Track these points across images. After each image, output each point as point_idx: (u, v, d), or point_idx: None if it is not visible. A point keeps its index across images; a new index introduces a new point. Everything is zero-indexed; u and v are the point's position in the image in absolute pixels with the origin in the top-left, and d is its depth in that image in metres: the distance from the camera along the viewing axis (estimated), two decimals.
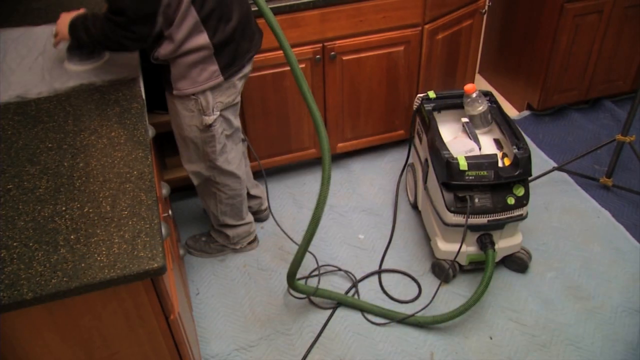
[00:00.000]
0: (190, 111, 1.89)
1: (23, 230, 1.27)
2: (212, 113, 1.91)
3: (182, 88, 1.83)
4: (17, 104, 1.73)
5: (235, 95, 1.95)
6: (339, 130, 2.70)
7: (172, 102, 1.91)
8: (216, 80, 1.83)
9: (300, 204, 2.65)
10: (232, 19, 1.80)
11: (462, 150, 2.16)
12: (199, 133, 1.95)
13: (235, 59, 1.86)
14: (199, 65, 1.79)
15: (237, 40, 1.84)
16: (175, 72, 1.80)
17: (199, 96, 1.85)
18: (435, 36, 2.61)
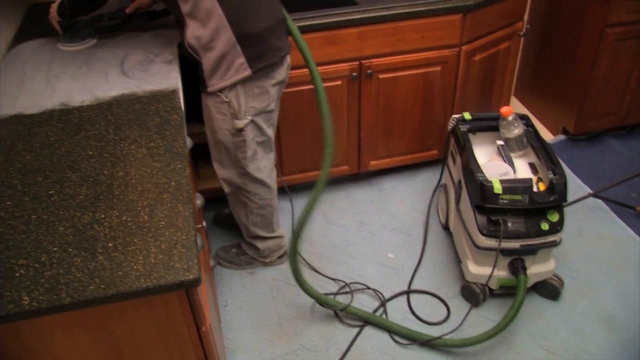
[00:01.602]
0: (223, 114, 1.94)
1: (63, 235, 1.30)
2: (244, 117, 1.94)
3: (214, 84, 1.88)
4: (61, 111, 1.77)
5: (268, 102, 1.98)
6: (372, 148, 2.70)
7: (206, 105, 1.96)
8: (244, 73, 1.86)
9: (330, 220, 2.65)
10: (261, 14, 1.85)
11: (497, 173, 2.14)
12: (230, 137, 1.99)
13: (263, 54, 1.88)
14: (227, 57, 1.83)
15: (266, 36, 1.87)
16: (206, 67, 1.85)
17: (232, 98, 1.89)
18: (473, 57, 2.61)
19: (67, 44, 2.11)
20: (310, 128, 2.54)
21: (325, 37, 2.30)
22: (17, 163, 1.55)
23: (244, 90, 1.90)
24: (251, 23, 1.83)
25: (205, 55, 1.84)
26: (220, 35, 1.80)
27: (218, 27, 1.79)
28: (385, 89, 2.52)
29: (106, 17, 2.15)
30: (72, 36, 2.10)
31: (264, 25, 1.85)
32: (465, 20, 2.46)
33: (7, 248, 1.28)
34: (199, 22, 1.80)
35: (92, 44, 2.12)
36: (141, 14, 2.20)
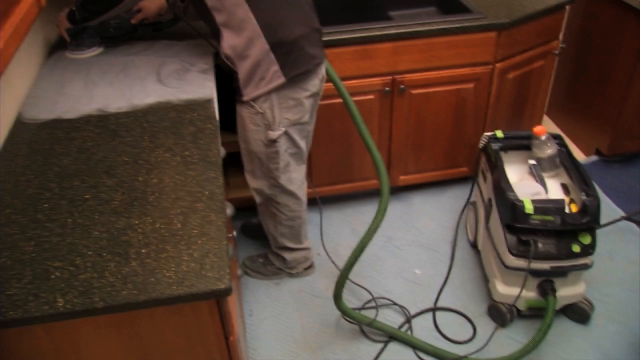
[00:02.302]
0: (257, 125, 1.95)
1: (97, 239, 1.32)
2: (278, 128, 1.95)
3: (249, 92, 1.89)
4: (98, 117, 1.81)
5: (302, 114, 1.99)
6: (402, 163, 2.70)
7: (240, 115, 1.97)
8: (278, 80, 1.87)
9: (358, 234, 2.65)
10: (295, 22, 1.86)
11: (528, 192, 2.12)
12: (263, 148, 2.00)
13: (297, 61, 1.89)
14: (261, 66, 1.85)
15: (301, 44, 1.88)
16: (241, 75, 1.87)
17: (266, 109, 1.91)
18: (506, 75, 2.59)
19: (73, 51, 2.16)
20: (341, 141, 2.54)
21: (359, 51, 2.31)
22: (55, 167, 1.58)
23: (279, 102, 1.91)
24: (285, 31, 1.84)
25: (240, 64, 1.86)
26: (255, 44, 1.82)
27: (252, 36, 1.81)
28: (417, 104, 2.51)
29: (112, 27, 2.20)
30: (78, 44, 2.15)
31: (299, 33, 1.87)
32: (500, 38, 2.45)
33: (43, 250, 1.30)
34: (234, 32, 1.83)
35: (99, 52, 2.18)
36: (147, 25, 2.24)
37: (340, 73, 2.20)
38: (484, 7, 2.49)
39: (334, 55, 2.26)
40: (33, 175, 1.56)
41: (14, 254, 1.30)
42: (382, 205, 2.01)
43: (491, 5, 2.52)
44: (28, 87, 1.96)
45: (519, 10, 2.49)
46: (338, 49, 2.27)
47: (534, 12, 2.49)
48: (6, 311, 1.16)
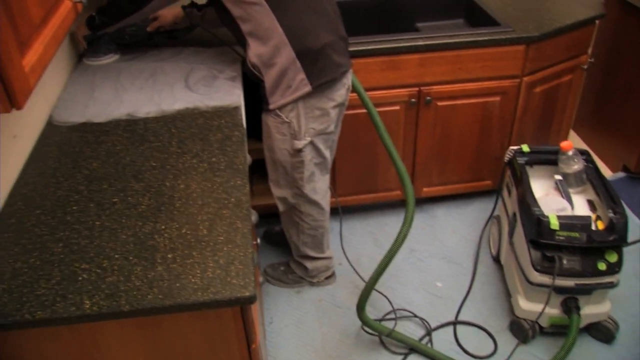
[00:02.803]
0: (283, 135, 1.95)
1: (125, 243, 1.34)
2: (303, 138, 1.96)
3: (275, 101, 1.90)
4: (127, 121, 1.83)
5: (328, 123, 1.99)
6: (426, 174, 2.69)
7: (266, 124, 1.98)
8: (304, 89, 1.87)
9: (380, 244, 2.64)
10: (321, 30, 1.87)
11: (554, 208, 2.10)
12: (289, 157, 2.00)
13: (323, 69, 1.89)
14: (287, 74, 1.85)
15: (327, 52, 1.88)
16: (268, 84, 1.88)
17: (292, 119, 1.91)
18: (533, 89, 2.58)
19: (90, 58, 2.19)
20: (365, 151, 2.54)
21: (387, 62, 2.31)
22: (84, 169, 1.61)
23: (305, 111, 1.91)
24: (311, 39, 1.85)
25: (267, 72, 1.87)
26: (281, 52, 1.83)
27: (278, 44, 1.82)
28: (442, 116, 2.51)
29: (128, 34, 2.22)
30: (94, 51, 2.18)
31: (325, 41, 1.87)
32: (528, 52, 2.43)
33: (71, 252, 1.32)
34: (260, 41, 1.83)
35: (115, 59, 2.20)
36: (162, 33, 2.25)
37: (366, 83, 2.21)
38: (512, 20, 2.47)
39: (360, 66, 2.26)
40: (63, 178, 1.58)
41: (43, 255, 1.32)
42: (408, 215, 2.01)
43: (520, 18, 2.50)
44: (59, 91, 2.00)
45: (548, 23, 2.47)
46: (365, 59, 2.27)
47: (563, 26, 2.47)
48: (35, 311, 1.18)
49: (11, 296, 1.22)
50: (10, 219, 1.44)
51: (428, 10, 2.77)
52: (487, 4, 2.64)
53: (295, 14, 1.82)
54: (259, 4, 1.77)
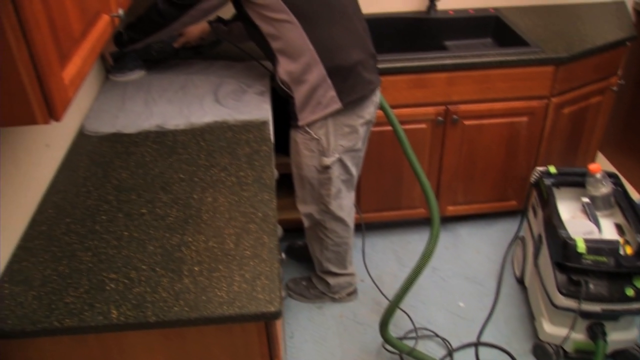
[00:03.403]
0: (311, 151, 1.96)
1: (152, 254, 1.35)
2: (332, 155, 1.96)
3: (304, 117, 1.90)
4: (157, 133, 1.86)
5: (356, 141, 1.99)
6: (451, 193, 2.67)
7: (295, 140, 1.98)
8: (334, 106, 1.87)
9: (402, 262, 2.63)
10: (352, 48, 1.87)
11: (580, 231, 2.07)
12: (316, 174, 2.00)
13: (354, 87, 1.90)
14: (318, 91, 1.85)
15: (358, 70, 1.89)
16: (297, 100, 1.88)
17: (321, 136, 1.91)
18: (562, 110, 2.56)
19: (116, 74, 2.19)
20: (390, 168, 2.54)
21: (415, 80, 2.32)
22: (114, 179, 1.63)
23: (334, 128, 1.92)
24: (342, 57, 1.85)
25: (296, 89, 1.88)
26: (312, 70, 1.84)
27: (309, 62, 1.83)
28: (469, 135, 2.50)
29: (154, 50, 2.23)
30: (121, 67, 2.18)
31: (356, 59, 1.87)
32: (558, 72, 2.42)
33: (100, 261, 1.34)
34: (290, 58, 1.84)
35: (141, 75, 2.21)
36: (188, 48, 2.26)
37: (394, 101, 2.22)
38: (542, 41, 2.46)
39: (389, 83, 2.27)
40: (93, 187, 1.61)
41: (72, 263, 1.34)
42: (433, 233, 2.00)
43: (550, 38, 2.49)
44: (91, 101, 2.03)
45: (578, 44, 2.46)
46: (393, 76, 2.28)
47: (593, 47, 2.46)
48: (63, 319, 1.19)
49: (40, 303, 1.24)
50: (42, 226, 1.47)
51: (456, 28, 2.77)
52: (516, 24, 2.64)
53: (326, 31, 1.83)
54: (290, 21, 1.78)
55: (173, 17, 1.87)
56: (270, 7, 1.77)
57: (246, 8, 1.82)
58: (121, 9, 1.33)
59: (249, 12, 1.83)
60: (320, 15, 1.81)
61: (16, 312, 1.22)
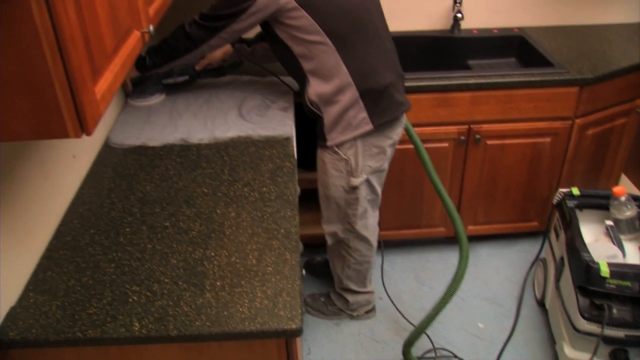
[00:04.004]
0: (339, 171, 1.95)
1: (175, 268, 1.36)
2: (360, 175, 1.95)
3: (333, 137, 1.89)
4: (181, 146, 1.88)
5: (383, 161, 1.99)
6: (471, 213, 2.66)
7: (322, 160, 1.97)
8: (365, 127, 1.86)
9: (421, 280, 2.61)
10: (384, 70, 1.87)
11: (604, 255, 2.04)
12: (344, 194, 1.99)
13: (386, 109, 1.89)
14: (349, 112, 1.84)
15: (390, 91, 1.88)
16: (327, 121, 1.87)
17: (350, 156, 1.90)
18: (586, 131, 2.54)
19: (136, 99, 2.16)
20: (411, 186, 2.54)
21: (438, 99, 2.32)
22: (138, 192, 1.65)
23: (363, 149, 1.91)
24: (376, 78, 1.84)
25: (326, 110, 1.86)
26: (344, 91, 1.82)
27: (342, 84, 1.81)
28: (491, 155, 2.49)
29: (176, 73, 2.20)
30: (141, 92, 2.16)
31: (388, 81, 1.87)
32: (582, 94, 2.40)
33: (123, 273, 1.35)
34: (322, 79, 1.83)
35: (161, 99, 2.17)
36: (209, 71, 2.24)
37: (417, 119, 2.22)
38: (566, 61, 2.45)
39: (412, 102, 2.25)
40: (117, 199, 1.63)
41: (95, 274, 1.36)
42: (463, 254, 1.99)
43: (574, 59, 2.48)
44: (117, 113, 2.06)
45: (603, 66, 2.44)
46: (417, 95, 2.28)
47: (619, 69, 2.44)
48: (86, 329, 1.21)
49: (64, 313, 1.25)
50: (66, 236, 1.49)
51: (480, 48, 2.77)
52: (541, 44, 2.63)
53: (360, 53, 1.82)
54: (324, 43, 1.77)
55: (202, 39, 1.84)
56: (304, 29, 1.76)
57: (276, 29, 1.81)
58: (152, 25, 1.35)
59: (279, 33, 1.82)
60: (354, 37, 1.80)
61: (40, 322, 1.23)
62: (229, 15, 1.77)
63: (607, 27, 2.85)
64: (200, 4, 2.08)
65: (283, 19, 1.76)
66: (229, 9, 1.77)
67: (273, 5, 1.73)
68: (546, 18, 2.83)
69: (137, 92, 2.17)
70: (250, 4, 1.73)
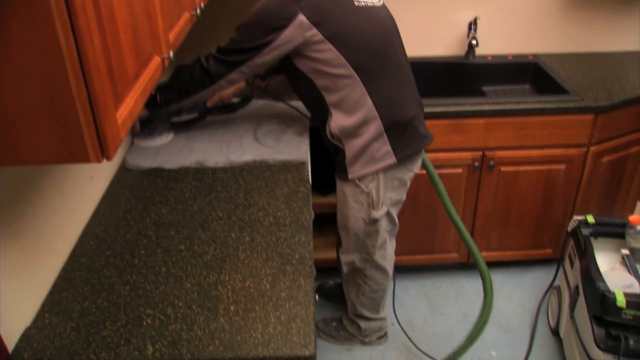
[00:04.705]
0: (360, 204, 1.91)
1: (189, 292, 1.36)
2: (381, 208, 1.92)
3: (355, 170, 1.84)
4: (196, 169, 1.89)
5: (403, 193, 1.98)
6: (484, 239, 2.65)
7: (342, 191, 1.93)
8: (389, 160, 1.82)
9: (434, 306, 2.60)
10: (409, 102, 1.85)
11: (620, 284, 2.02)
12: (364, 226, 1.95)
13: (410, 142, 1.86)
14: (372, 146, 1.80)
15: (414, 124, 1.86)
16: (348, 154, 1.82)
17: (372, 189, 1.87)
18: (600, 159, 2.53)
19: (145, 139, 2.05)
20: (424, 212, 2.53)
21: (452, 125, 2.32)
22: (154, 214, 1.66)
23: (385, 181, 1.87)
24: (401, 111, 1.82)
25: (349, 143, 1.82)
26: (368, 124, 1.79)
27: (366, 117, 1.78)
28: (505, 181, 2.48)
29: (185, 110, 2.11)
30: (150, 131, 2.04)
31: (413, 113, 1.85)
32: (597, 121, 2.40)
33: (137, 296, 1.36)
34: (345, 113, 1.79)
35: (170, 139, 2.07)
36: (220, 107, 2.17)
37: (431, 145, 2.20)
38: (581, 89, 2.46)
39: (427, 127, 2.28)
40: (133, 221, 1.64)
41: (110, 296, 1.36)
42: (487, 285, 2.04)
43: (589, 86, 2.48)
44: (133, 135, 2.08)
45: (618, 93, 2.44)
46: (432, 121, 2.28)
47: (634, 97, 2.44)
48: (99, 352, 1.21)
49: (78, 334, 1.26)
50: (82, 257, 1.50)
51: (494, 74, 2.78)
52: (555, 71, 2.64)
53: (385, 86, 1.79)
54: (350, 76, 1.73)
55: (220, 74, 1.77)
56: (330, 62, 1.72)
57: (298, 62, 1.77)
58: (172, 50, 1.37)
59: (300, 67, 1.77)
60: (380, 69, 1.77)
61: (55, 343, 1.24)
62: (251, 48, 1.71)
63: (622, 54, 2.86)
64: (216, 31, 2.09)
65: (307, 52, 1.72)
66: (252, 42, 1.71)
67: (299, 38, 1.69)
68: (560, 45, 2.84)
69: (146, 132, 2.05)
70: (274, 36, 1.68)
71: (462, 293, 2.69)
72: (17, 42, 0.84)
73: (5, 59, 0.85)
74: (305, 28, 1.67)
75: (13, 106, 0.89)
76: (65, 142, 0.93)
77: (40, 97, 0.89)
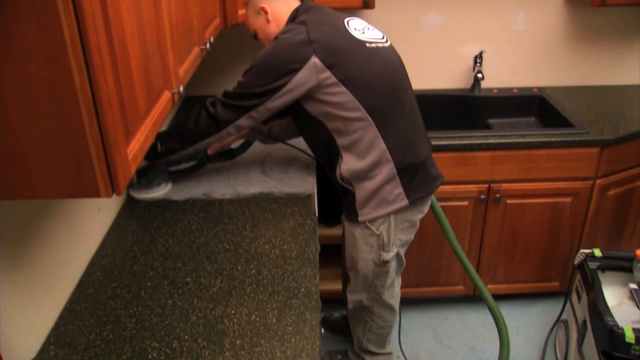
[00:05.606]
0: (370, 246, 1.87)
1: (195, 325, 1.36)
2: (391, 249, 1.88)
3: (366, 213, 1.80)
4: (203, 201, 1.90)
5: (412, 234, 1.96)
6: (490, 272, 2.63)
7: (352, 233, 1.89)
8: (400, 203, 1.79)
9: (439, 339, 2.57)
10: (421, 143, 1.84)
11: (628, 319, 2.00)
12: (373, 267, 1.91)
13: (422, 184, 1.84)
14: (384, 189, 1.76)
15: (426, 166, 1.84)
16: (359, 196, 1.78)
17: (383, 231, 1.83)
18: (607, 192, 2.53)
19: (142, 191, 1.94)
20: (430, 244, 2.53)
21: (458, 158, 2.33)
22: (160, 246, 1.67)
23: (396, 223, 1.84)
24: (413, 154, 1.79)
25: (359, 185, 1.78)
26: (381, 168, 1.74)
27: (379, 160, 1.74)
28: (511, 214, 2.48)
29: (184, 158, 2.01)
30: (148, 182, 1.94)
31: (425, 155, 1.83)
32: (603, 154, 2.41)
33: (143, 328, 1.36)
34: (357, 156, 1.74)
35: (168, 189, 1.97)
36: (220, 154, 2.09)
37: None
38: (587, 122, 2.47)
39: None
40: (139, 252, 1.64)
41: (116, 329, 1.36)
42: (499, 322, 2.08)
43: (595, 120, 2.49)
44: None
45: (624, 127, 2.45)
46: (437, 154, 2.28)
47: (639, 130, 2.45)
48: None
49: None
50: (89, 289, 1.50)
51: (500, 107, 2.80)
52: (561, 104, 2.65)
53: (398, 128, 1.76)
54: (364, 119, 1.69)
55: (228, 121, 1.71)
56: (343, 105, 1.68)
57: (307, 105, 1.73)
58: (181, 85, 1.39)
59: (310, 110, 1.73)
60: (393, 112, 1.75)
61: None
62: (263, 93, 1.66)
63: (627, 87, 2.88)
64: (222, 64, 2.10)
65: (319, 95, 1.68)
66: (263, 86, 1.65)
67: (312, 81, 1.65)
68: (566, 78, 2.87)
69: (144, 184, 1.94)
70: (287, 80, 1.63)
71: (469, 326, 2.67)
72: (32, 81, 0.86)
73: (21, 96, 0.87)
74: (319, 70, 1.64)
75: (26, 141, 0.91)
76: (76, 177, 0.94)
77: (53, 133, 0.90)
